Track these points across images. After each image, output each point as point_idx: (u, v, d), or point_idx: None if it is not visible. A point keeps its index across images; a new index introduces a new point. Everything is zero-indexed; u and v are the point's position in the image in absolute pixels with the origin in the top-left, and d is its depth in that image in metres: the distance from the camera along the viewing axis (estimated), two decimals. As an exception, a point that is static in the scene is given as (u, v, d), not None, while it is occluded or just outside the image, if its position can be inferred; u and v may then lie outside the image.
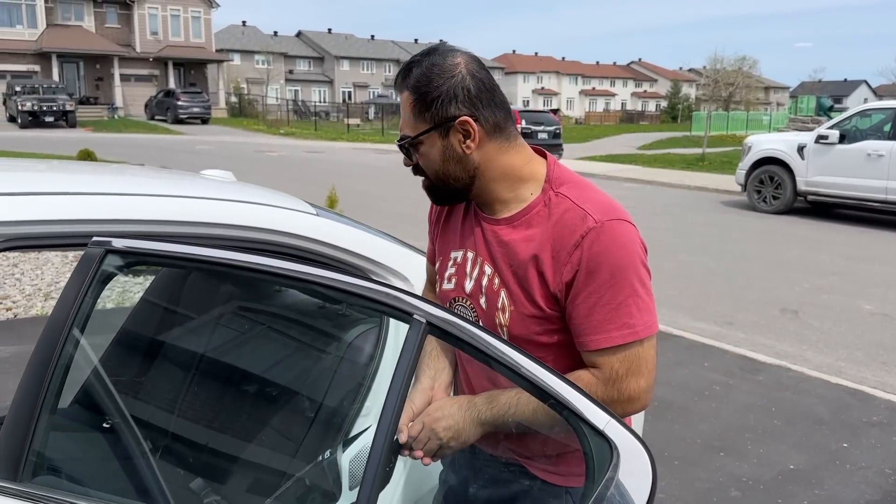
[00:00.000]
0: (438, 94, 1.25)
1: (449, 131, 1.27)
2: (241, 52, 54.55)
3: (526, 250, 1.28)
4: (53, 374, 1.17)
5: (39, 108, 29.60)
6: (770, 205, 11.70)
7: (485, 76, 1.29)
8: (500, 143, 1.31)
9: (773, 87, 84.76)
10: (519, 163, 1.33)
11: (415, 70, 1.28)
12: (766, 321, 5.96)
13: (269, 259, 1.09)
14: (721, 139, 31.14)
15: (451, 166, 1.30)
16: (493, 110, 1.29)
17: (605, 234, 1.22)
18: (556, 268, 1.24)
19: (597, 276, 1.21)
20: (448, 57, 1.28)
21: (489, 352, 1.00)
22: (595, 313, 1.22)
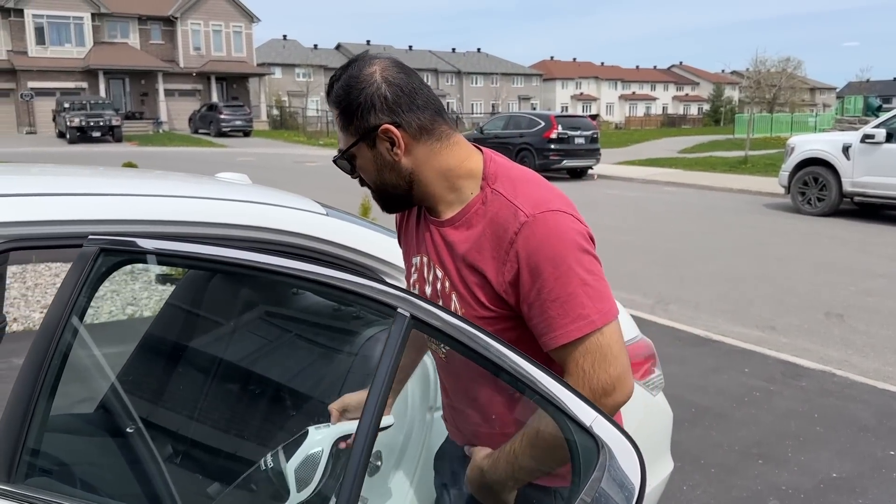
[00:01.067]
0: (357, 106, 1.25)
1: (375, 141, 1.26)
2: (282, 66, 55.38)
3: (467, 251, 1.26)
4: (48, 373, 1.16)
5: (87, 123, 30.43)
6: (815, 207, 11.39)
7: (403, 80, 1.27)
8: (430, 144, 1.28)
9: (819, 88, 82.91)
10: (455, 162, 1.30)
11: (335, 85, 1.29)
12: (810, 325, 5.78)
13: (256, 255, 1.07)
14: (765, 142, 30.49)
15: (387, 174, 1.29)
16: (416, 113, 1.26)
17: (537, 227, 1.19)
18: (497, 267, 1.22)
19: (540, 272, 1.18)
20: (364, 67, 1.27)
21: (472, 345, 0.96)
22: (548, 310, 1.19)
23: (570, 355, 1.20)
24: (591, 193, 14.83)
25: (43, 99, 36.61)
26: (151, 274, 5.82)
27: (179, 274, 3.63)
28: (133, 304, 5.66)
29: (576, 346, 1.19)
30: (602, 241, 6.72)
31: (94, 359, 1.83)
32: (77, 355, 1.38)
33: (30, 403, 1.16)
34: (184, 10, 41.80)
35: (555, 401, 0.92)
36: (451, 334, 0.97)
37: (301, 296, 2.16)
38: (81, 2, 38.70)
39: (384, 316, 0.97)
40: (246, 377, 2.16)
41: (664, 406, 2.39)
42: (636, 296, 6.59)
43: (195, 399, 2.14)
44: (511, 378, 0.95)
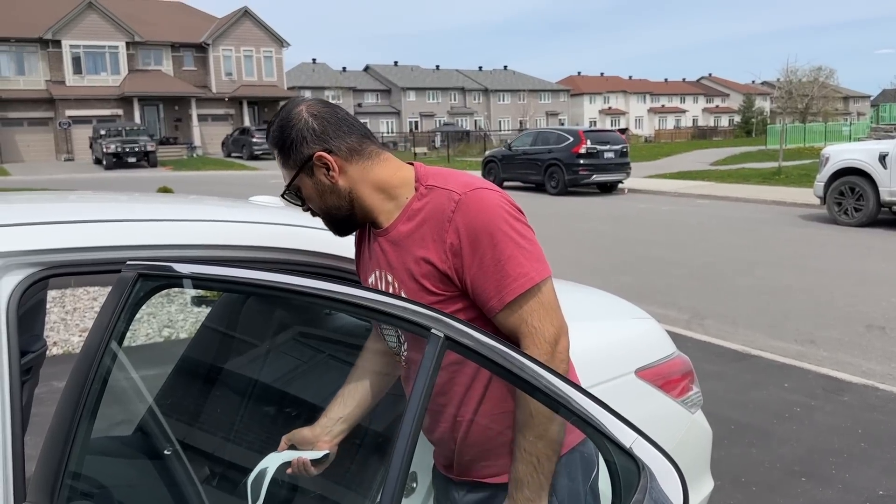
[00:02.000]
0: (291, 142, 1.40)
1: (312, 169, 1.41)
2: (312, 89, 56.10)
3: (410, 244, 1.38)
4: (88, 396, 1.18)
5: (122, 149, 31.10)
6: (852, 217, 11.17)
7: (327, 112, 1.43)
8: (361, 163, 1.42)
9: (853, 97, 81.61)
10: (387, 174, 1.44)
11: (271, 129, 1.44)
12: (850, 338, 5.65)
13: (288, 277, 1.08)
14: (798, 152, 30.05)
15: (329, 198, 1.43)
16: (344, 138, 1.41)
17: (470, 202, 1.33)
18: (439, 247, 1.34)
19: (478, 242, 1.31)
20: (292, 108, 1.43)
21: (507, 365, 0.95)
22: (489, 276, 1.31)
23: (518, 315, 1.32)
24: (622, 208, 14.73)
25: (80, 126, 37.54)
26: (187, 297, 5.90)
27: (215, 296, 3.67)
28: (170, 327, 5.74)
29: (521, 304, 1.31)
30: (634, 256, 6.71)
31: (132, 382, 1.85)
32: (116, 378, 1.40)
33: (71, 426, 1.17)
34: (215, 36, 42.64)
35: (593, 422, 0.91)
36: (485, 354, 0.96)
37: (334, 316, 2.17)
38: (116, 31, 39.70)
39: (419, 334, 0.97)
40: (280, 398, 2.17)
41: (703, 424, 2.35)
42: (671, 311, 6.51)
43: (231, 421, 2.15)
44: (546, 398, 0.94)
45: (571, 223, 12.52)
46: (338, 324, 2.15)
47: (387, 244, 1.43)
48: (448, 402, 1.41)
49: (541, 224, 12.55)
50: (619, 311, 2.52)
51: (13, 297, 1.28)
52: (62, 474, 1.18)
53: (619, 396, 1.90)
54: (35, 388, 2.40)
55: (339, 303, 1.06)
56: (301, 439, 1.51)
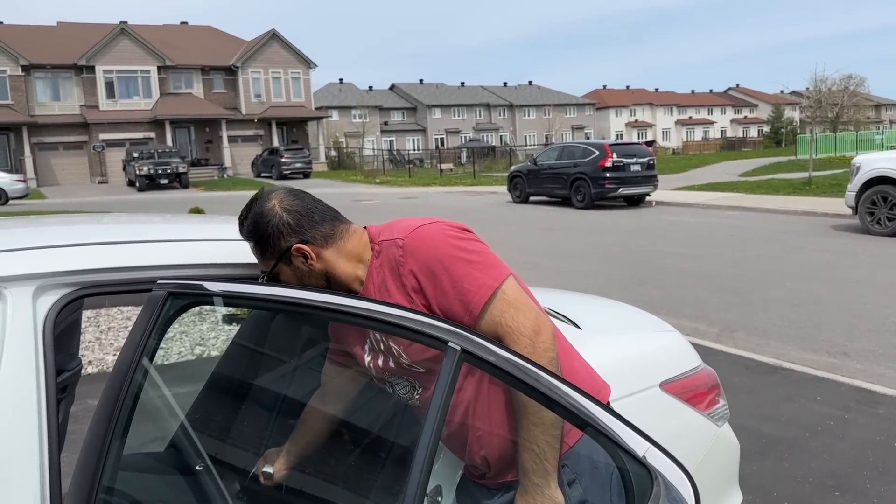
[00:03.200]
0: (268, 236, 1.49)
1: (290, 259, 1.50)
2: (339, 108, 56.73)
3: (384, 296, 1.46)
4: (121, 413, 1.22)
5: (155, 171, 31.66)
6: (885, 227, 10.98)
7: (299, 206, 1.53)
8: (335, 244, 1.53)
9: (885, 104, 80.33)
10: (354, 244, 1.55)
11: (245, 224, 1.53)
12: (884, 350, 5.54)
13: (314, 293, 1.11)
14: (829, 161, 29.64)
15: (307, 280, 1.52)
16: (317, 227, 1.52)
17: (413, 242, 1.44)
18: (402, 293, 1.43)
19: (434, 273, 1.40)
20: (264, 203, 1.52)
21: (524, 378, 0.97)
22: (453, 299, 1.39)
23: (490, 321, 1.38)
24: (650, 220, 14.64)
25: (113, 150, 38.34)
26: (218, 315, 5.99)
27: (244, 314, 3.73)
28: (201, 345, 5.82)
29: (489, 309, 1.38)
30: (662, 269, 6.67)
31: (164, 399, 1.90)
32: (148, 395, 1.44)
33: (104, 443, 1.21)
34: (244, 59, 43.35)
35: (607, 432, 0.93)
36: (501, 366, 0.98)
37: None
38: (148, 56, 40.57)
39: (437, 348, 1.00)
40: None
41: (730, 437, 2.33)
42: (700, 324, 6.45)
43: (261, 436, 2.18)
44: (564, 411, 0.96)
45: (598, 237, 12.47)
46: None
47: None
48: (463, 419, 1.47)
49: (567, 238, 12.51)
50: (644, 325, 2.51)
51: (49, 317, 1.33)
52: (96, 490, 1.22)
53: (644, 409, 1.90)
54: (71, 405, 2.46)
55: (361, 318, 1.09)
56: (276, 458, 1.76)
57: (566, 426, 1.36)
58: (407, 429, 1.73)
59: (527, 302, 1.42)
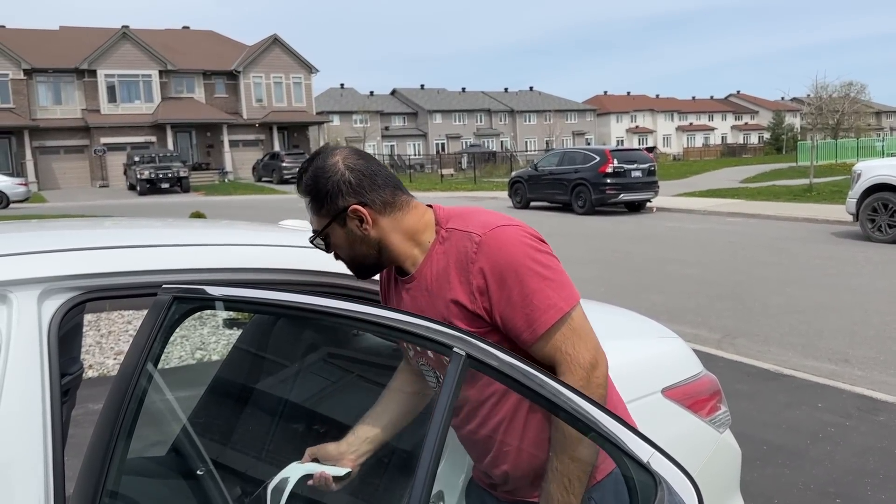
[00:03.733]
0: (326, 192, 1.42)
1: (345, 220, 1.43)
2: (340, 113, 56.84)
3: (439, 288, 1.41)
4: (125, 417, 1.22)
5: (156, 175, 31.68)
6: (886, 234, 10.98)
7: (363, 165, 1.44)
8: (393, 215, 1.45)
9: (886, 112, 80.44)
10: (415, 220, 1.47)
11: (304, 177, 1.46)
12: (885, 357, 5.54)
13: (316, 298, 1.11)
14: (830, 168, 29.66)
15: (359, 247, 1.46)
16: (378, 192, 1.44)
17: (491, 242, 1.35)
18: (466, 289, 1.36)
19: (504, 279, 1.33)
20: (328, 158, 1.45)
21: (528, 384, 0.97)
22: (518, 311, 1.33)
23: (551, 345, 1.34)
24: (651, 226, 14.64)
25: (114, 153, 38.39)
26: (219, 319, 5.99)
27: (246, 318, 3.73)
28: (202, 349, 5.82)
29: (553, 334, 1.33)
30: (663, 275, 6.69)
31: (167, 403, 1.90)
32: (151, 400, 1.45)
33: (109, 446, 1.22)
34: (246, 64, 43.44)
35: (612, 438, 0.93)
36: (506, 372, 0.99)
37: (363, 337, 2.21)
38: (150, 60, 40.66)
39: (442, 353, 1.00)
40: (310, 418, 2.20)
41: (732, 443, 2.33)
42: (702, 330, 6.45)
43: (262, 440, 2.18)
44: (568, 416, 0.96)
45: (599, 243, 12.47)
46: (366, 344, 2.19)
47: (416, 290, 1.46)
48: (493, 432, 1.44)
49: (568, 244, 12.51)
50: (645, 331, 2.52)
51: (54, 321, 1.33)
52: (100, 493, 1.22)
53: (646, 416, 1.90)
54: (72, 409, 2.46)
55: (365, 323, 1.09)
56: (325, 454, 1.53)
57: (598, 459, 1.33)
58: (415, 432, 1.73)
59: (590, 332, 1.37)
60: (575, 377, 1.31)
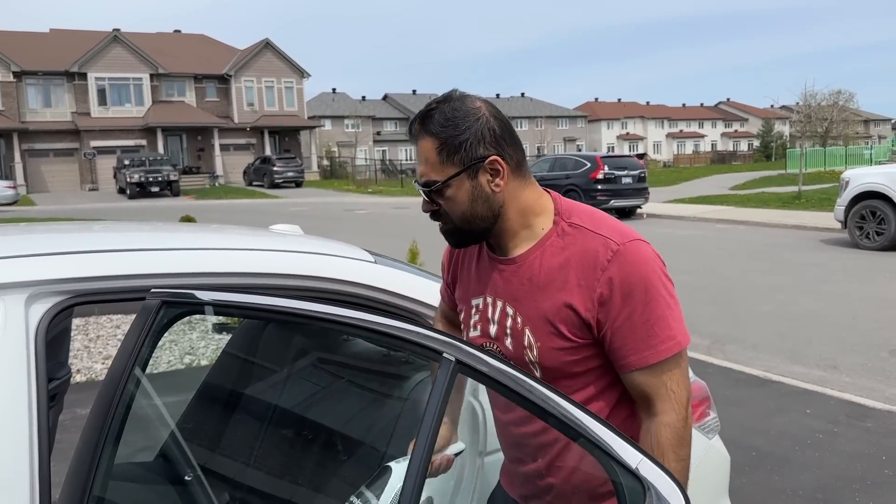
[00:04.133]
0: (466, 137, 1.27)
1: (478, 172, 1.29)
2: (332, 118, 56.78)
3: (549, 284, 1.30)
4: (112, 422, 1.21)
5: (146, 179, 31.57)
6: (874, 241, 11.06)
7: (504, 118, 1.33)
8: (520, 181, 1.34)
9: (874, 120, 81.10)
10: (533, 199, 1.36)
11: (436, 115, 1.30)
12: (873, 364, 5.58)
13: (305, 303, 1.11)
14: (819, 176, 29.86)
15: (479, 206, 1.31)
16: (515, 149, 1.32)
17: (628, 254, 1.26)
18: (586, 295, 1.26)
19: (632, 296, 1.24)
20: (467, 101, 1.31)
21: (518, 389, 0.97)
22: (636, 333, 1.25)
23: (657, 376, 1.26)
24: (641, 232, 14.59)
25: (104, 157, 38.22)
26: (209, 324, 5.96)
27: (236, 323, 3.72)
28: (191, 354, 5.79)
29: (664, 367, 1.26)
30: (652, 281, 6.40)
31: (155, 408, 1.89)
32: (139, 405, 1.44)
33: (96, 451, 1.21)
34: (237, 68, 43.38)
35: (601, 444, 0.93)
36: (496, 378, 0.99)
37: (352, 342, 2.20)
38: (140, 64, 40.53)
39: (430, 361, 1.00)
40: (300, 423, 2.19)
41: (721, 449, 2.34)
42: (691, 337, 6.46)
43: (251, 446, 2.18)
44: (557, 422, 0.96)
45: (590, 249, 12.47)
46: (356, 349, 2.18)
47: (513, 274, 1.36)
48: (554, 441, 1.34)
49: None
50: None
51: (42, 325, 1.32)
52: (87, 499, 1.21)
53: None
54: (59, 414, 2.44)
55: (354, 328, 1.09)
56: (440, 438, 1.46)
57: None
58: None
59: (688, 368, 1.33)
60: (676, 415, 1.27)
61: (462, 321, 1.50)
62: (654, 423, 1.28)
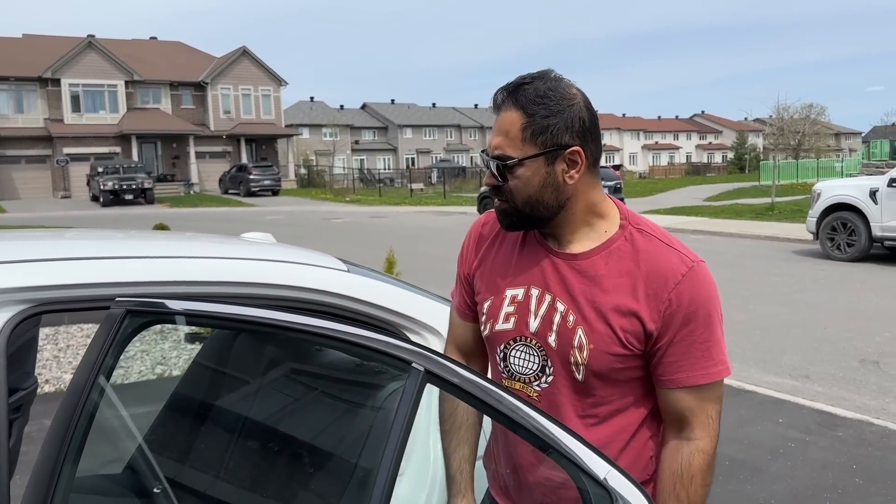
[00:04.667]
0: (557, 121, 1.23)
1: (556, 159, 1.25)
2: (310, 126, 56.60)
3: (615, 286, 1.27)
4: (74, 433, 1.18)
5: (119, 186, 31.19)
6: (845, 252, 11.23)
7: (595, 112, 1.30)
8: (592, 178, 1.31)
9: (845, 133, 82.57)
10: (599, 199, 1.33)
11: (529, 90, 1.25)
12: (844, 373, 5.65)
13: (274, 312, 1.09)
14: (791, 188, 30.31)
15: (547, 193, 1.27)
16: (597, 146, 1.30)
17: (700, 275, 1.27)
18: (653, 305, 1.24)
19: (696, 315, 1.25)
20: (564, 84, 1.27)
21: (488, 400, 0.96)
22: (693, 352, 1.25)
23: (699, 402, 1.27)
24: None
25: (78, 164, 37.70)
26: (181, 333, 5.89)
27: (208, 332, 3.67)
28: (163, 364, 5.71)
29: (709, 391, 1.27)
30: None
31: (122, 419, 1.85)
32: (105, 416, 1.41)
33: (56, 464, 1.18)
34: (214, 75, 43.12)
35: (569, 454, 0.92)
36: (465, 388, 0.98)
37: (325, 352, 2.18)
38: (116, 70, 40.14)
39: (400, 371, 0.99)
40: (271, 435, 2.16)
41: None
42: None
43: (220, 458, 2.14)
44: (527, 432, 0.95)
45: (566, 259, 12.53)
46: (330, 360, 2.16)
47: (569, 271, 1.31)
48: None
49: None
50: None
51: (3, 334, 1.29)
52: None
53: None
54: (25, 426, 2.39)
55: (323, 338, 1.07)
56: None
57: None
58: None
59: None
60: (710, 444, 1.27)
61: (486, 312, 1.41)
62: (689, 446, 1.28)
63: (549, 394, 1.32)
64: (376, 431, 1.83)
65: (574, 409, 1.30)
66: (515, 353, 1.35)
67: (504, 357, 1.37)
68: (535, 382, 1.33)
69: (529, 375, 1.34)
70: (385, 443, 0.92)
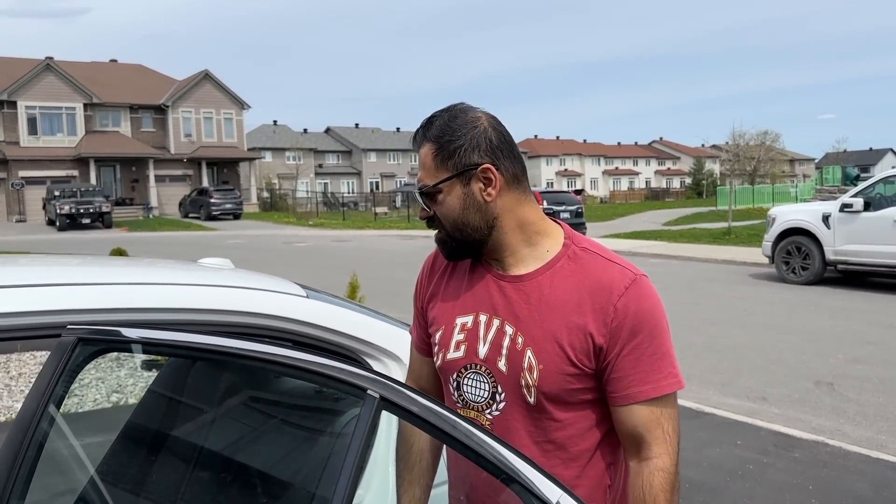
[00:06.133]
0: (462, 143, 1.29)
1: (470, 179, 1.30)
2: (273, 150, 56.37)
3: (561, 304, 1.28)
4: (22, 465, 1.15)
5: (76, 210, 30.62)
6: (799, 276, 11.50)
7: (504, 130, 1.34)
8: (517, 194, 1.33)
9: (799, 159, 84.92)
10: (534, 217, 1.35)
11: (437, 122, 1.33)
12: (800, 395, 5.76)
13: (227, 340, 1.09)
14: (747, 212, 31.00)
15: (471, 214, 1.31)
16: (513, 162, 1.32)
17: (643, 287, 1.29)
18: (599, 319, 1.25)
19: (641, 328, 1.25)
20: (469, 111, 1.33)
21: (443, 426, 0.96)
22: (642, 364, 1.25)
23: (655, 417, 1.26)
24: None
25: (34, 187, 36.95)
26: (137, 361, 5.76)
27: (164, 359, 3.60)
28: (119, 392, 5.58)
29: (662, 405, 1.27)
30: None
31: (73, 450, 1.81)
32: (55, 446, 1.38)
33: (1, 499, 1.14)
34: (175, 98, 42.77)
35: (521, 479, 0.93)
36: (420, 415, 0.98)
37: (284, 379, 2.15)
38: (74, 93, 39.57)
39: (356, 398, 0.99)
40: (228, 466, 2.12)
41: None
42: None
43: (177, 489, 2.10)
44: (477, 456, 0.96)
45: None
46: (289, 387, 2.14)
47: (515, 292, 1.32)
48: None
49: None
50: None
51: (-52, 364, 1.25)
52: (-8, 548, 1.15)
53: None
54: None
55: (276, 364, 1.07)
56: None
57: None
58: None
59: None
60: (669, 461, 1.26)
61: (438, 342, 1.42)
62: (647, 466, 1.27)
63: (501, 421, 1.33)
64: (335, 459, 1.81)
65: (529, 435, 1.31)
66: (468, 381, 1.36)
67: (458, 386, 1.38)
68: (487, 410, 1.34)
69: (481, 403, 1.35)
70: (339, 470, 0.92)
